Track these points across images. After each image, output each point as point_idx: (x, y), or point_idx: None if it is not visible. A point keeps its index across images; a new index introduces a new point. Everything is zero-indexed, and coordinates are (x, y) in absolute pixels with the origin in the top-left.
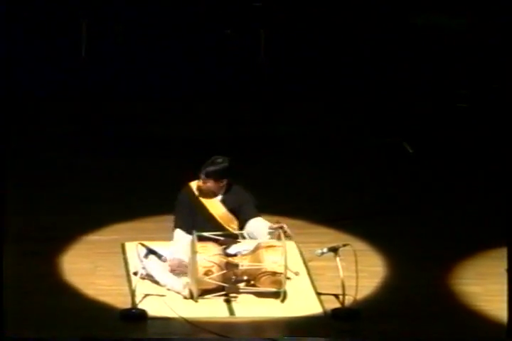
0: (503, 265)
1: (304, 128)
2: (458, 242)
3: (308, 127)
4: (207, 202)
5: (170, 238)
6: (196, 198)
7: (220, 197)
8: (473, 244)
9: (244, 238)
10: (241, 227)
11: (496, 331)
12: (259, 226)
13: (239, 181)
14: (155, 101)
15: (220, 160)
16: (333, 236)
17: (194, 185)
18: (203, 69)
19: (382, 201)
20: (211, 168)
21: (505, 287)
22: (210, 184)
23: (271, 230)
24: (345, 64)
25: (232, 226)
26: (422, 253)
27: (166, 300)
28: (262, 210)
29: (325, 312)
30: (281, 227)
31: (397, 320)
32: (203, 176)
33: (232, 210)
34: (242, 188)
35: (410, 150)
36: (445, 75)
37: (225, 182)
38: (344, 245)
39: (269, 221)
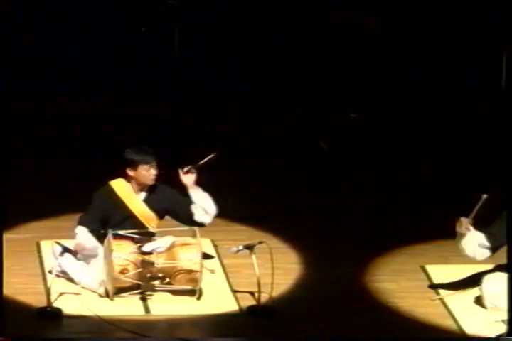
0: (418, 262)
1: (222, 127)
2: (373, 239)
3: (225, 125)
4: (128, 200)
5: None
6: (117, 196)
7: (143, 195)
8: (388, 241)
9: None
10: None
11: (410, 328)
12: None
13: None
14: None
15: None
16: (248, 234)
17: (116, 183)
18: (118, 68)
19: (297, 199)
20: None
21: (419, 283)
22: (156, 172)
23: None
24: (260, 61)
25: (153, 225)
26: (337, 251)
27: (81, 299)
28: None
29: (241, 310)
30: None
31: (313, 317)
32: (154, 164)
33: (156, 210)
34: (169, 188)
35: (326, 148)
36: (361, 73)
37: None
38: (260, 242)
39: None
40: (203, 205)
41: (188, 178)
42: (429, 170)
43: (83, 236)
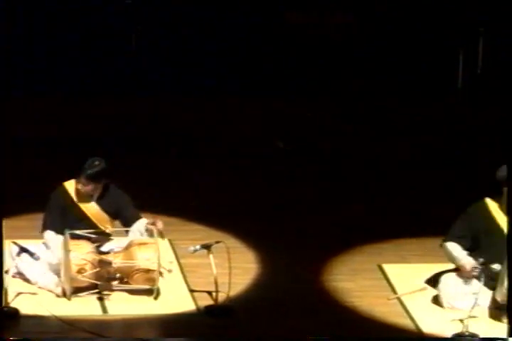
0: (375, 260)
1: (185, 127)
2: (331, 238)
3: (187, 125)
4: (81, 202)
5: (42, 236)
6: (70, 198)
7: (95, 197)
8: (345, 240)
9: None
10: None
11: (368, 327)
12: (142, 228)
13: (117, 180)
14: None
15: (97, 162)
16: (205, 234)
17: (69, 185)
18: (75, 67)
19: (255, 198)
20: (91, 171)
21: (376, 282)
22: (90, 187)
23: (146, 227)
24: (220, 62)
25: (106, 226)
26: (295, 250)
27: (38, 299)
28: (139, 208)
29: (198, 309)
30: (154, 223)
31: (271, 317)
32: (83, 180)
33: (108, 212)
34: (118, 189)
35: (281, 146)
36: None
37: (103, 183)
38: (217, 242)
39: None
40: (141, 231)
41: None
42: (384, 170)
43: (53, 240)
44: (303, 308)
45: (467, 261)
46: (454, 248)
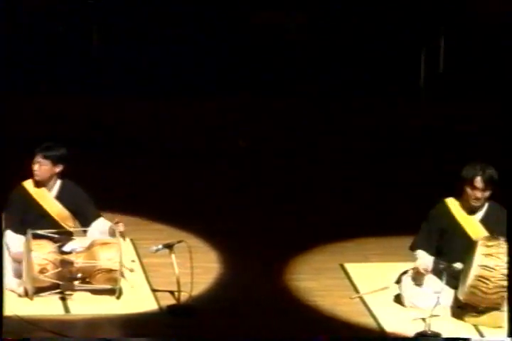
0: (337, 260)
1: (147, 127)
2: (293, 237)
3: (149, 125)
4: (42, 200)
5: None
6: (30, 196)
7: (55, 193)
8: (308, 239)
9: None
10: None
11: (330, 326)
12: (101, 227)
13: (78, 179)
14: None
15: (57, 145)
16: (167, 233)
17: (27, 184)
18: (35, 66)
19: (216, 198)
20: (51, 151)
21: (339, 282)
22: (47, 167)
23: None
24: (186, 62)
25: (68, 224)
26: (258, 249)
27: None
28: (101, 208)
29: (160, 309)
30: (117, 223)
31: (233, 316)
32: (40, 158)
33: (68, 208)
34: (78, 187)
35: (243, 145)
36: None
37: (60, 168)
38: (179, 241)
39: (107, 218)
40: (101, 230)
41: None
42: (345, 169)
43: (13, 240)
44: (265, 308)
45: (426, 266)
46: (421, 255)
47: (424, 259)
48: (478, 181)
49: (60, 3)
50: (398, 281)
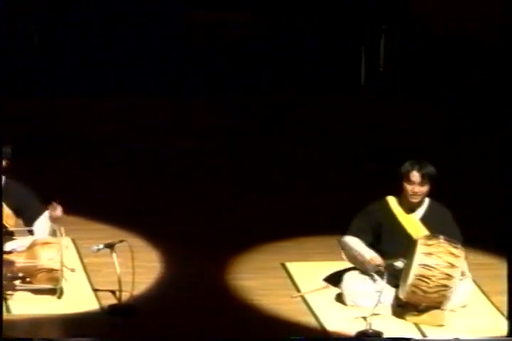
0: (279, 259)
1: (85, 127)
2: (233, 237)
3: (88, 125)
4: None
5: None
6: None
7: None
8: (248, 239)
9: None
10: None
11: (272, 325)
12: (43, 224)
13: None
14: None
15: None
16: (109, 233)
17: None
18: None
19: (158, 197)
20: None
21: (280, 281)
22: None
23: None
24: (123, 61)
25: (10, 223)
26: (198, 248)
27: None
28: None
29: (102, 309)
30: (53, 209)
31: (174, 316)
32: None
33: (10, 206)
34: (22, 184)
35: (184, 145)
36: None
37: (5, 163)
38: (120, 241)
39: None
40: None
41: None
42: (285, 168)
43: None
44: (207, 307)
45: (374, 255)
46: (355, 242)
47: (373, 253)
48: (415, 175)
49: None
50: (339, 280)
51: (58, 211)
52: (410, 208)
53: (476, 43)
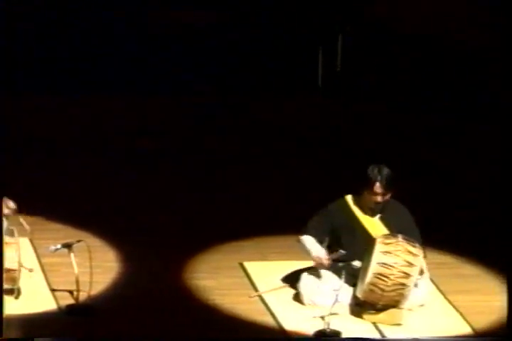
0: (236, 258)
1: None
2: (192, 236)
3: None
4: None
5: None
6: None
7: None
8: (206, 238)
9: None
10: None
11: (229, 325)
12: None
13: None
14: None
15: None
16: (66, 232)
17: None
18: None
19: (115, 196)
20: None
21: (238, 280)
22: None
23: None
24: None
25: None
26: (156, 248)
27: None
28: None
29: (59, 309)
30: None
31: (132, 315)
32: None
33: None
34: None
35: (144, 144)
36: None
37: None
38: (78, 241)
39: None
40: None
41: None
42: (242, 167)
43: None
44: (164, 307)
45: (319, 254)
46: (308, 240)
47: (321, 251)
48: (378, 187)
49: None
50: (297, 279)
51: (11, 204)
52: (370, 208)
53: (437, 43)
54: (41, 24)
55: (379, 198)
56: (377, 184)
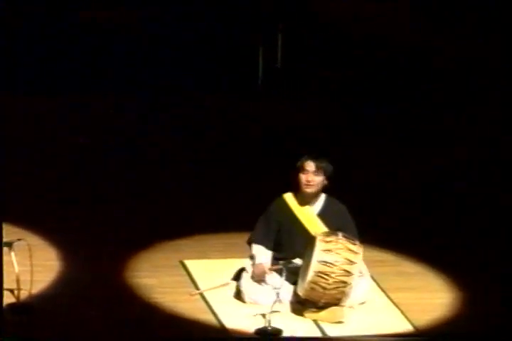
0: (177, 257)
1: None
2: (132, 235)
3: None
4: None
5: None
6: None
7: None
8: (147, 237)
9: None
10: None
11: (171, 323)
12: None
13: None
14: None
15: None
16: (6, 231)
17: None
18: None
19: (55, 194)
20: None
21: (179, 279)
22: None
23: None
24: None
25: None
26: (97, 247)
27: None
28: None
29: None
30: None
31: (73, 314)
32: None
33: None
34: None
35: (83, 142)
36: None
37: None
38: (18, 239)
39: None
40: None
41: None
42: (178, 167)
43: None
44: (105, 306)
45: (262, 265)
46: (257, 250)
47: (261, 257)
48: (310, 165)
49: None
50: (238, 277)
51: None
52: (307, 203)
53: (377, 41)
54: None
55: (310, 177)
56: (309, 161)
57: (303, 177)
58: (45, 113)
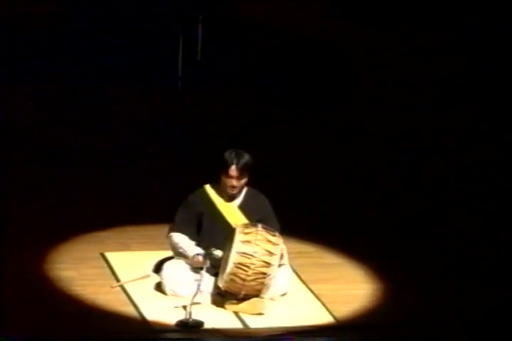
0: (98, 249)
1: None
2: (52, 227)
3: None
4: None
5: None
6: None
7: None
8: (67, 229)
9: None
10: None
11: (91, 315)
12: None
13: None
14: None
15: None
16: None
17: None
18: None
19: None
20: None
21: (100, 271)
22: None
23: None
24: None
25: None
26: (17, 239)
27: None
28: None
29: None
30: None
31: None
32: None
33: None
34: None
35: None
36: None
37: None
38: None
39: None
40: None
41: None
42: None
43: None
44: (26, 298)
45: (194, 253)
46: (181, 239)
47: (193, 248)
48: (233, 170)
49: None
50: (159, 269)
51: None
52: (229, 197)
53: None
54: None
55: (234, 182)
56: (233, 167)
57: (227, 181)
58: None
